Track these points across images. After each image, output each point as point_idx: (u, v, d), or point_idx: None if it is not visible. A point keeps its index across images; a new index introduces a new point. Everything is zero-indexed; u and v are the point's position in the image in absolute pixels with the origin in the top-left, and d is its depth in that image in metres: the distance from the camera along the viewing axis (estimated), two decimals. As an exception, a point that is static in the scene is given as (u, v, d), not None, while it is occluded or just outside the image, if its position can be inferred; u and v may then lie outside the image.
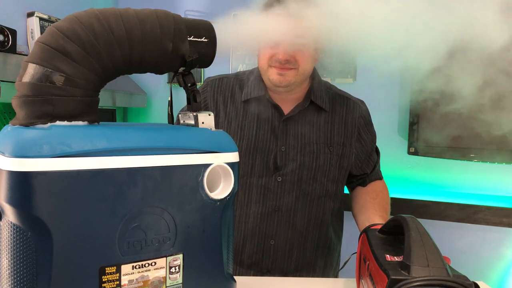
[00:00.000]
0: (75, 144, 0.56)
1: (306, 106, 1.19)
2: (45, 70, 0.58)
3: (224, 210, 0.69)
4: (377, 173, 1.31)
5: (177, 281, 0.65)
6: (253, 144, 1.18)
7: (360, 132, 1.24)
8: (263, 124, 1.19)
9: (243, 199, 1.19)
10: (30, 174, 0.52)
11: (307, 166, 1.17)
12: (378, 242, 0.81)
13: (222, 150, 0.68)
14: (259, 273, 1.20)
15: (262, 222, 1.18)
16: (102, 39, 0.61)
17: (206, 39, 0.71)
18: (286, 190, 1.17)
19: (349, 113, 1.23)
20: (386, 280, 0.67)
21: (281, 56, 1.07)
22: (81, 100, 0.61)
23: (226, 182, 0.69)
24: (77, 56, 0.60)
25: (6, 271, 0.54)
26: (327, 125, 1.21)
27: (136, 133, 0.62)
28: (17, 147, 0.53)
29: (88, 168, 0.56)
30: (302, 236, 1.19)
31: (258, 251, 1.19)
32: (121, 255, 0.60)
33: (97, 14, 0.62)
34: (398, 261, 0.71)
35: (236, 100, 1.22)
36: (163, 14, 0.67)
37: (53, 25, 0.61)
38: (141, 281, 0.62)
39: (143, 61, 0.66)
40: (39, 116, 0.59)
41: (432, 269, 0.65)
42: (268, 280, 1.08)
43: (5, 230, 0.54)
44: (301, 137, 1.18)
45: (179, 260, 0.65)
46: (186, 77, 0.74)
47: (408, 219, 0.74)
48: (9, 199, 0.52)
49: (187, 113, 0.75)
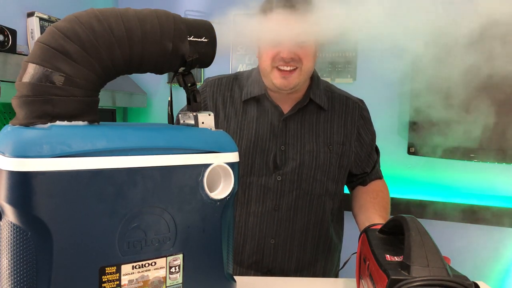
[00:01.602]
0: (75, 144, 0.56)
1: (305, 105, 1.19)
2: (45, 70, 0.58)
3: (224, 210, 0.69)
4: (377, 173, 1.31)
5: (177, 281, 0.65)
6: (252, 144, 1.18)
7: (359, 131, 1.24)
8: (263, 123, 1.19)
9: (243, 199, 1.19)
10: (30, 174, 0.52)
11: (307, 165, 1.17)
12: (378, 242, 0.81)
13: (222, 150, 0.68)
14: (259, 273, 1.20)
15: (262, 221, 1.18)
16: (102, 39, 0.61)
17: (206, 39, 0.71)
18: (286, 189, 1.17)
19: (348, 112, 1.23)
20: (386, 280, 0.67)
21: (285, 54, 1.07)
22: (81, 100, 0.61)
23: (226, 182, 0.69)
24: (77, 56, 0.60)
25: (6, 271, 0.54)
26: (327, 124, 1.21)
27: (136, 133, 0.62)
28: (17, 147, 0.53)
29: (88, 168, 0.56)
30: (302, 235, 1.19)
31: (258, 251, 1.19)
32: (121, 255, 0.60)
33: (97, 14, 0.62)
34: (398, 261, 0.71)
35: (236, 100, 1.22)
36: (163, 14, 0.67)
37: (53, 25, 0.61)
38: (141, 281, 0.62)
39: (143, 61, 0.66)
40: (39, 116, 0.59)
41: (432, 269, 0.65)
42: (268, 280, 1.08)
43: (5, 230, 0.54)
44: (301, 136, 1.19)
45: (179, 260, 0.65)
46: (186, 77, 0.74)
47: (408, 219, 0.74)
48: (9, 199, 0.52)
49: (187, 113, 0.75)
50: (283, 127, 1.19)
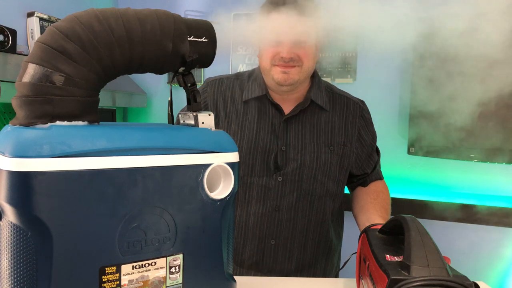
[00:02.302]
0: (75, 144, 0.56)
1: (306, 106, 1.19)
2: (45, 70, 0.58)
3: (224, 210, 0.69)
4: (377, 173, 1.31)
5: (177, 281, 0.65)
6: (253, 144, 1.18)
7: (360, 132, 1.24)
8: (264, 124, 1.19)
9: (244, 199, 1.19)
10: (30, 174, 0.52)
11: (308, 165, 1.17)
12: (378, 242, 0.81)
13: (222, 150, 0.68)
14: (260, 273, 1.20)
15: (263, 222, 1.18)
16: (102, 39, 0.61)
17: (206, 39, 0.71)
18: (287, 189, 1.17)
19: (349, 113, 1.23)
20: (386, 280, 0.67)
21: (285, 54, 1.08)
22: (81, 100, 0.61)
23: (226, 182, 0.69)
24: (77, 56, 0.60)
25: (6, 271, 0.54)
26: (328, 125, 1.21)
27: (136, 133, 0.62)
28: (17, 147, 0.53)
29: (88, 168, 0.56)
30: (303, 235, 1.19)
31: (259, 251, 1.19)
32: (121, 255, 0.60)
33: (97, 14, 0.62)
34: (398, 261, 0.71)
35: (236, 101, 1.22)
36: (163, 14, 0.67)
37: (53, 25, 0.61)
38: (141, 281, 0.62)
39: (143, 61, 0.66)
40: (39, 116, 0.59)
41: (432, 269, 0.65)
42: (268, 280, 1.08)
43: (5, 230, 0.54)
44: (302, 137, 1.19)
45: (179, 260, 0.65)
46: (186, 77, 0.74)
47: (408, 219, 0.74)
48: (9, 199, 0.52)
49: (187, 113, 0.75)
50: (284, 127, 1.19)
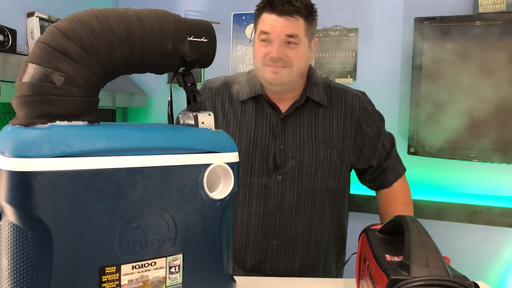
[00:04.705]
0: (75, 144, 0.56)
1: (303, 103, 1.19)
2: (45, 70, 0.58)
3: (224, 210, 0.69)
4: (394, 170, 1.25)
5: (177, 281, 0.65)
6: (252, 144, 1.18)
7: (361, 123, 1.22)
8: (261, 123, 1.19)
9: (244, 200, 1.19)
10: (30, 174, 0.52)
11: (307, 162, 1.17)
12: (378, 242, 0.81)
13: (222, 150, 0.68)
14: (263, 275, 1.19)
15: (264, 222, 1.18)
16: (102, 39, 0.61)
17: (206, 39, 0.71)
18: (287, 188, 1.17)
19: (348, 106, 1.21)
20: (386, 280, 0.67)
21: (274, 54, 1.08)
22: (81, 100, 0.61)
23: (226, 182, 0.69)
24: (77, 56, 0.60)
25: (6, 271, 0.54)
26: (326, 120, 1.20)
27: (136, 133, 0.62)
28: (17, 147, 0.53)
29: (88, 168, 0.56)
30: (305, 234, 1.19)
31: (261, 252, 1.19)
32: (121, 255, 0.60)
33: (97, 14, 0.62)
34: (398, 261, 0.71)
35: (234, 101, 1.23)
36: (163, 14, 0.67)
37: (53, 25, 0.61)
38: (141, 281, 0.62)
39: (143, 61, 0.66)
40: (39, 116, 0.59)
41: (432, 269, 0.65)
42: (268, 280, 1.08)
43: (5, 230, 0.54)
44: (300, 134, 1.18)
45: (179, 260, 0.65)
46: (186, 77, 0.74)
47: (408, 219, 0.74)
48: (9, 199, 0.53)
49: (187, 113, 0.75)
50: (281, 126, 1.19)
